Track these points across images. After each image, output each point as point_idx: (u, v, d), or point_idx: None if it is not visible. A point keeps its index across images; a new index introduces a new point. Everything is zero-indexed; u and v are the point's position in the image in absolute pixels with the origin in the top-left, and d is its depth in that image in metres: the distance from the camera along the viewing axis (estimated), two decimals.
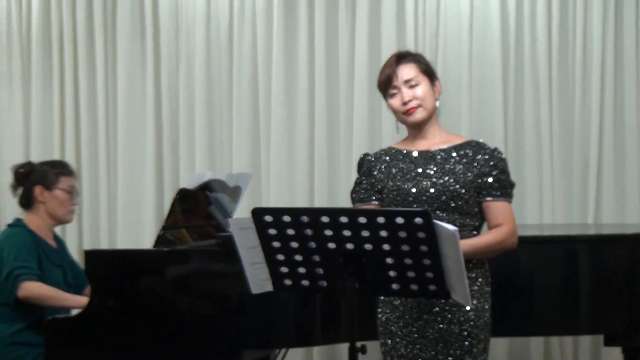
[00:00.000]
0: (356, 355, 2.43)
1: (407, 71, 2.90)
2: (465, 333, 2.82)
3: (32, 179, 3.85)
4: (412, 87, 2.88)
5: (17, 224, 3.85)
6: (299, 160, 5.29)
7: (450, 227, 2.31)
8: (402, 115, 2.90)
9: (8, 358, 3.66)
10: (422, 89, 2.88)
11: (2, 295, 3.70)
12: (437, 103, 2.94)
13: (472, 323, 2.82)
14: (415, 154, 2.92)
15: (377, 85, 2.97)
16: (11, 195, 3.97)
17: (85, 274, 3.59)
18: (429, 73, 2.94)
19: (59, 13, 5.45)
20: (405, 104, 2.87)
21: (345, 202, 5.07)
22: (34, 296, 3.65)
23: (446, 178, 2.83)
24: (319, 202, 5.20)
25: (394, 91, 2.90)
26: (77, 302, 3.64)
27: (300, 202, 5.21)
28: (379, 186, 2.93)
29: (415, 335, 2.85)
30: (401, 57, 2.95)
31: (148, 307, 3.46)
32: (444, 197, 2.80)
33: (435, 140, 2.93)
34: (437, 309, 2.83)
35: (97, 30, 5.42)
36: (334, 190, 5.26)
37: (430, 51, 5.15)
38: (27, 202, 3.88)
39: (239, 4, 5.31)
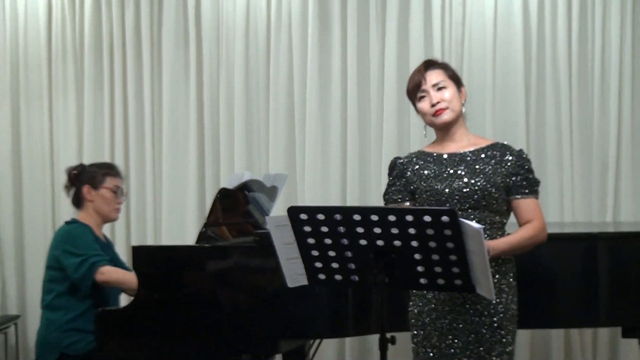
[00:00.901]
0: (386, 346, 2.43)
1: (435, 76, 2.89)
2: (496, 324, 2.80)
3: (82, 179, 3.91)
4: (439, 89, 2.87)
5: (73, 221, 3.91)
6: (332, 161, 5.28)
7: (475, 224, 2.30)
8: (431, 117, 2.89)
9: (64, 343, 3.72)
10: (450, 92, 2.87)
11: (61, 285, 3.76)
12: (464, 109, 2.92)
13: (501, 315, 2.81)
14: (445, 156, 2.90)
15: (407, 91, 2.96)
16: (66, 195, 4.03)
17: (133, 268, 3.61)
18: (456, 79, 2.93)
19: (109, 24, 5.50)
20: (433, 105, 2.86)
21: (376, 201, 5.10)
22: (112, 279, 3.72)
23: (477, 178, 2.81)
24: (351, 201, 5.19)
25: (423, 94, 2.90)
26: None
27: (333, 201, 5.21)
28: (412, 187, 2.92)
29: (448, 327, 2.84)
30: (429, 64, 2.94)
31: (191, 299, 3.47)
32: (476, 196, 2.79)
33: (463, 143, 2.91)
34: (469, 302, 2.81)
35: (144, 40, 5.46)
36: (365, 189, 5.25)
37: (456, 58, 5.12)
38: (77, 201, 3.95)
39: (276, 14, 5.32)
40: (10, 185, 5.58)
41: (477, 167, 2.84)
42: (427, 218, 2.30)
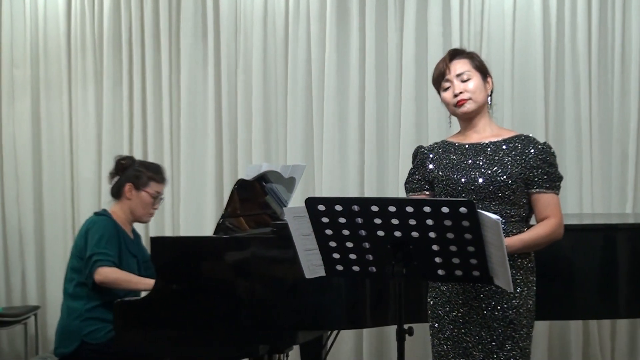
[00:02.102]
0: (403, 337, 2.42)
1: (459, 66, 2.87)
2: (508, 319, 2.78)
3: (128, 174, 3.93)
4: (464, 81, 2.85)
5: (103, 213, 3.94)
6: (349, 152, 5.27)
7: (493, 216, 2.29)
8: (453, 107, 2.87)
9: (84, 332, 3.75)
10: (474, 83, 2.85)
11: (82, 275, 3.79)
12: (490, 99, 2.90)
13: (515, 310, 2.78)
14: (466, 146, 2.89)
15: (432, 80, 2.94)
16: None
17: (151, 260, 3.62)
18: (482, 69, 2.90)
19: (128, 16, 5.51)
20: (456, 96, 2.84)
21: (393, 192, 5.09)
22: (109, 281, 3.73)
23: (494, 169, 2.78)
24: (369, 192, 5.18)
25: (447, 84, 2.87)
26: (147, 285, 3.69)
27: (351, 192, 5.20)
28: (431, 177, 2.90)
29: (461, 320, 2.83)
30: (455, 54, 2.92)
31: (209, 290, 3.48)
32: (491, 187, 2.76)
33: (486, 134, 2.89)
34: (482, 295, 2.79)
35: (163, 33, 5.47)
36: (382, 181, 5.24)
37: (475, 49, 5.06)
38: (116, 192, 3.97)
39: (294, 6, 5.31)
40: (31, 177, 5.61)
41: (496, 158, 2.82)
42: (445, 209, 2.29)
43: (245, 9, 5.38)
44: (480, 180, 2.78)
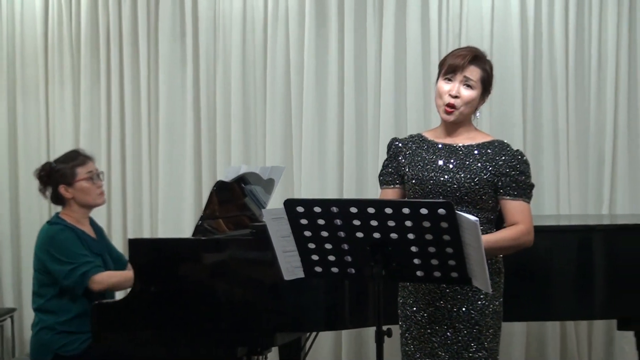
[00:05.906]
0: (382, 338, 2.43)
1: (471, 72, 2.82)
2: (473, 321, 2.78)
3: (54, 179, 3.81)
4: (466, 86, 2.82)
5: (56, 221, 3.82)
6: (328, 154, 5.27)
7: (471, 217, 2.30)
8: (442, 104, 2.84)
9: (57, 345, 3.67)
10: (472, 95, 2.81)
11: (51, 289, 3.70)
12: (478, 113, 2.88)
13: (479, 311, 2.79)
14: (439, 145, 2.88)
15: (442, 61, 2.90)
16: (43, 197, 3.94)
17: (129, 261, 3.59)
18: (486, 85, 2.87)
19: (105, 16, 5.46)
20: (450, 96, 2.81)
21: (373, 194, 5.10)
22: (110, 285, 3.69)
23: (462, 174, 2.79)
24: (348, 194, 5.18)
25: (450, 78, 2.83)
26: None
27: (330, 194, 5.20)
28: (402, 172, 2.91)
29: (427, 320, 2.83)
30: (476, 58, 2.86)
31: (187, 292, 3.47)
32: (458, 193, 2.77)
33: (462, 137, 2.88)
34: (448, 297, 2.80)
35: (141, 32, 5.43)
36: (361, 182, 5.25)
37: None
38: (58, 200, 3.85)
39: (273, 7, 5.30)
40: (7, 177, 5.55)
41: (467, 162, 2.82)
42: (424, 210, 2.30)
43: (224, 11, 5.36)
44: (449, 183, 2.78)
